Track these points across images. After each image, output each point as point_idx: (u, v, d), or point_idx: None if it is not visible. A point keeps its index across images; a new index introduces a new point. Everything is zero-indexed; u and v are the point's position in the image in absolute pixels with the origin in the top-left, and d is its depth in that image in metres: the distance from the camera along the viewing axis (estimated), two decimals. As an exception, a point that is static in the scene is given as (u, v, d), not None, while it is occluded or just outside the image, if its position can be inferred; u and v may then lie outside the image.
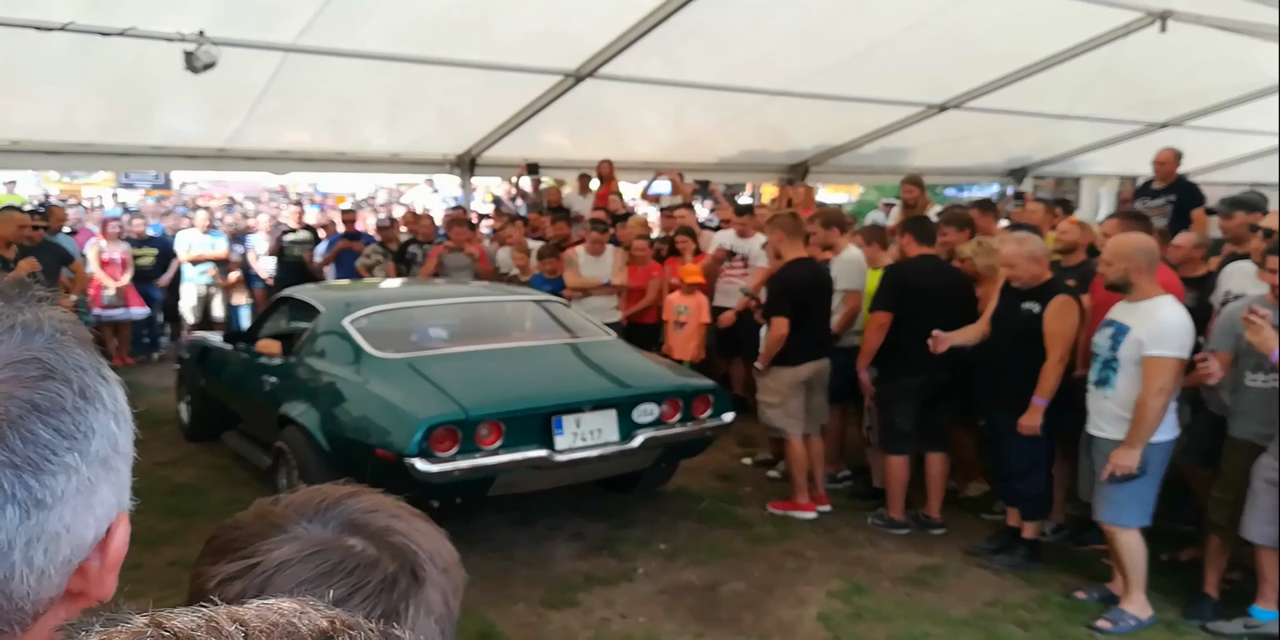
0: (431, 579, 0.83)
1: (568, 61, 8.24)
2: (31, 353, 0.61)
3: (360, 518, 0.86)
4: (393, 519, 0.87)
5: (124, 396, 0.68)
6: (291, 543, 0.82)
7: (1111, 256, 4.42)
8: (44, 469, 0.59)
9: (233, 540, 0.84)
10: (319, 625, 0.49)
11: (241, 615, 0.48)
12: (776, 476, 6.54)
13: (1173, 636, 4.39)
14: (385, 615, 0.77)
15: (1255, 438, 4.33)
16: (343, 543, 0.82)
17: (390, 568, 0.81)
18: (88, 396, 0.63)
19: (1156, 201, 7.83)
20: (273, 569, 0.79)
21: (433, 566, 0.84)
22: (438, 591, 0.84)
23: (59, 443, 0.60)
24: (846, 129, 11.17)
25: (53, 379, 0.61)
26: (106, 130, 8.61)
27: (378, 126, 9.89)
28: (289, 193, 21.02)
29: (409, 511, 0.90)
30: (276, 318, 6.80)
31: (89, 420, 0.62)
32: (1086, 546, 5.34)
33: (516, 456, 4.86)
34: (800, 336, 5.66)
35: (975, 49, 8.49)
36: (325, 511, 0.85)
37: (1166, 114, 11.05)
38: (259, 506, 0.88)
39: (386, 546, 0.83)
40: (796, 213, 6.64)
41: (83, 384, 0.62)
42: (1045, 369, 4.80)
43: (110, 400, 0.65)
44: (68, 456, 0.60)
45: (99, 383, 0.64)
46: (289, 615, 0.49)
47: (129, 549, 0.68)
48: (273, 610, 0.49)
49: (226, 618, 0.48)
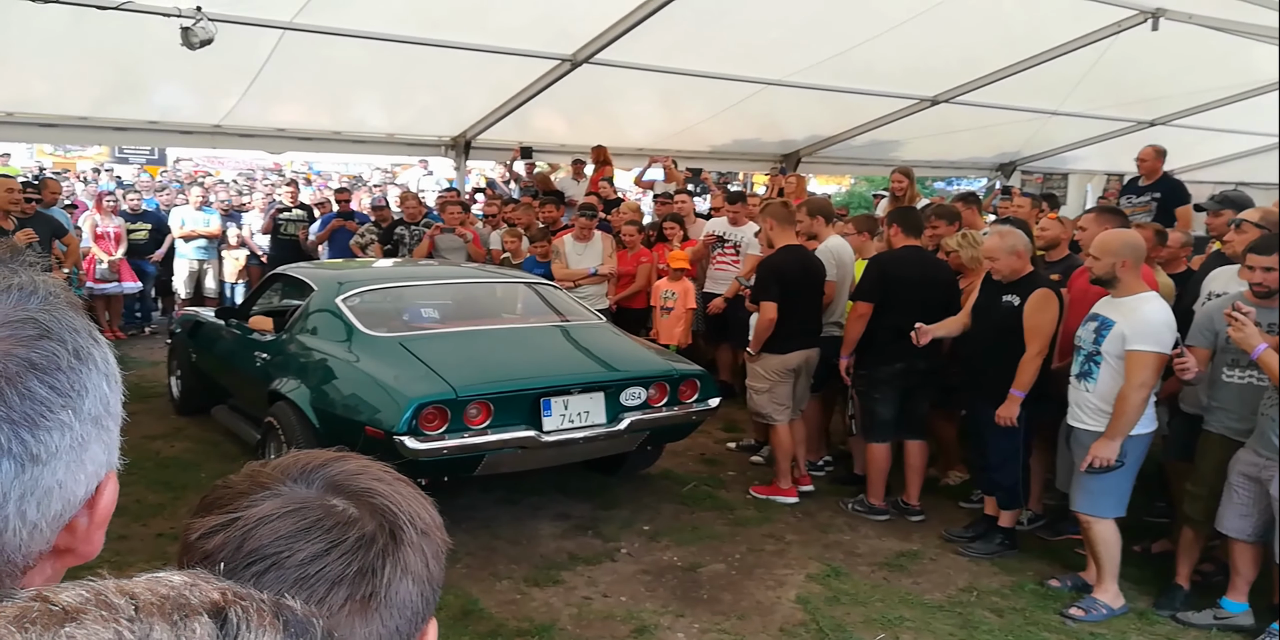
0: (410, 540, 0.84)
1: (565, 46, 8.28)
2: (28, 313, 0.63)
3: (344, 479, 0.87)
4: (376, 481, 0.88)
5: (114, 359, 0.70)
6: (274, 499, 0.83)
7: (1099, 251, 4.48)
8: (39, 425, 0.61)
9: (220, 497, 0.85)
10: (210, 597, 0.49)
11: (130, 588, 0.48)
12: (760, 461, 6.63)
13: (1144, 626, 4.48)
14: (361, 572, 0.80)
15: (1230, 433, 4.43)
16: (324, 501, 0.83)
17: (369, 527, 0.82)
18: (81, 357, 0.64)
19: (1141, 199, 7.91)
20: (253, 523, 0.80)
21: (412, 528, 0.85)
22: (416, 553, 0.84)
23: (54, 400, 0.62)
24: (839, 120, 11.24)
25: (49, 339, 0.63)
26: (102, 104, 8.61)
27: (374, 107, 9.91)
28: (284, 172, 20.95)
29: (393, 476, 0.91)
30: (269, 295, 6.85)
31: (83, 379, 0.64)
32: (1061, 536, 5.45)
33: (504, 436, 4.93)
34: (790, 324, 5.74)
35: (968, 44, 8.56)
36: (311, 473, 0.87)
37: (1155, 112, 11.14)
38: (249, 468, 0.90)
39: (367, 507, 0.84)
40: (788, 201, 6.72)
41: (76, 345, 0.64)
42: (1024, 361, 4.89)
43: (102, 362, 0.67)
44: (62, 414, 0.62)
45: (91, 344, 0.66)
46: (179, 587, 0.49)
47: (117, 520, 0.73)
48: (162, 583, 0.49)
49: (115, 591, 0.48)
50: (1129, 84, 9.70)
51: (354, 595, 0.79)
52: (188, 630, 0.46)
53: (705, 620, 4.39)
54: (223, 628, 0.47)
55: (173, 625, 0.46)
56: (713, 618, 4.42)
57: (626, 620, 4.36)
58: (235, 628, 0.48)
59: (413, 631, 0.83)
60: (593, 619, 4.37)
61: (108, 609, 0.46)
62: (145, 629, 0.46)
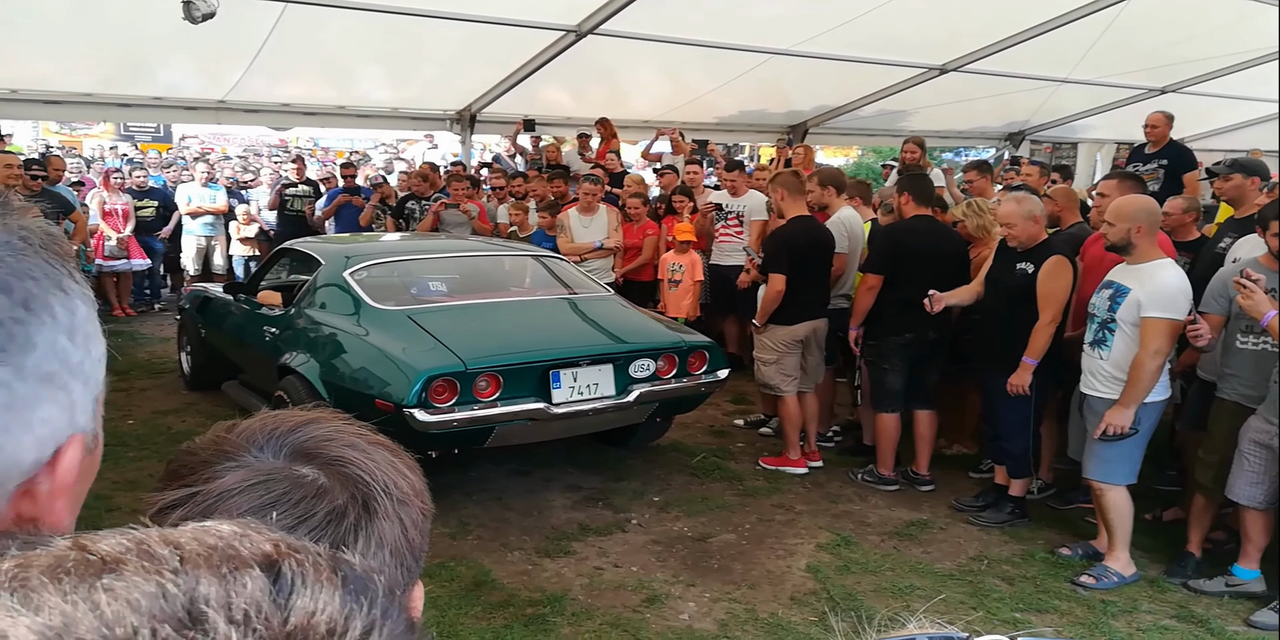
0: (385, 511, 0.80)
1: (569, 17, 8.21)
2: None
3: (314, 446, 0.82)
4: (348, 448, 0.83)
5: (87, 311, 0.63)
6: (237, 471, 0.79)
7: (1114, 217, 4.43)
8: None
9: (184, 466, 0.81)
10: (262, 549, 0.45)
11: (176, 538, 0.44)
12: (769, 433, 6.63)
13: (1155, 593, 4.48)
14: (332, 546, 0.77)
15: (1243, 400, 4.40)
16: (291, 472, 0.79)
17: (339, 499, 0.78)
18: (31, 307, 0.58)
19: (1149, 166, 7.83)
20: (213, 498, 0.77)
21: (387, 498, 0.80)
22: (393, 523, 0.80)
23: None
24: (846, 90, 11.14)
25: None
26: (107, 81, 8.59)
27: (378, 81, 9.87)
28: (289, 147, 20.90)
29: (369, 440, 0.86)
30: (277, 270, 6.85)
31: (27, 332, 0.57)
32: (1072, 505, 5.44)
33: (514, 408, 4.94)
34: (798, 295, 5.71)
35: (977, 11, 8.47)
36: (279, 439, 0.83)
37: (1166, 79, 11.02)
38: (214, 431, 0.85)
39: (338, 476, 0.80)
40: (799, 171, 6.67)
41: (27, 294, 0.58)
42: (1037, 329, 4.86)
43: (65, 314, 0.60)
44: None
45: (52, 294, 0.60)
46: (229, 538, 0.45)
47: (128, 493, 0.69)
48: (210, 533, 0.45)
49: (159, 540, 0.44)
50: (1139, 51, 9.59)
51: None
52: (237, 584, 0.42)
53: (716, 589, 4.40)
54: (276, 582, 0.43)
55: (221, 578, 0.42)
56: (723, 587, 4.43)
57: (638, 590, 4.38)
58: (289, 583, 0.43)
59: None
60: (604, 589, 4.39)
61: (150, 559, 0.42)
62: (191, 582, 0.41)
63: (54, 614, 0.39)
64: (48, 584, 0.40)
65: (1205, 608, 4.33)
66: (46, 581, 0.41)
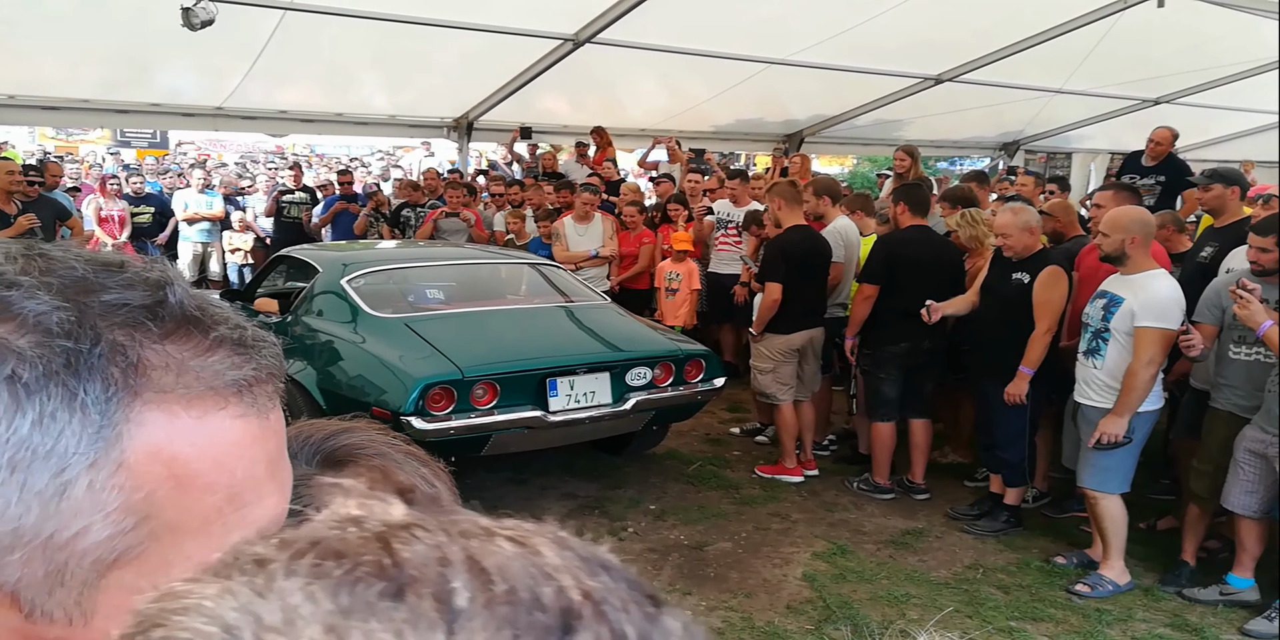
0: None
1: (566, 26, 8.24)
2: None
3: (345, 455, 0.83)
4: (378, 457, 0.83)
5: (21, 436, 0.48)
6: None
7: (1109, 228, 4.46)
8: None
9: None
10: (568, 600, 0.34)
11: (482, 560, 0.35)
12: (765, 441, 6.64)
13: (1149, 602, 4.50)
14: None
15: (1237, 409, 4.43)
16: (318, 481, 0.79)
17: None
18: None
19: (1146, 181, 7.85)
20: None
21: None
22: None
23: None
24: (842, 100, 11.19)
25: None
26: (104, 87, 8.60)
27: (376, 88, 9.89)
28: (286, 154, 20.92)
29: (401, 450, 0.86)
30: (274, 277, 6.86)
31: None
32: (1067, 514, 5.46)
33: (511, 417, 4.95)
34: (795, 304, 5.73)
35: (973, 21, 8.50)
36: (312, 446, 0.82)
37: (1160, 90, 11.08)
38: None
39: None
40: (796, 181, 6.69)
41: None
42: (1033, 339, 4.88)
43: (36, 403, 0.48)
44: None
45: (24, 379, 0.47)
46: (538, 578, 0.34)
47: None
48: (528, 560, 0.35)
49: (465, 563, 0.34)
50: (1134, 62, 9.64)
51: None
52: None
53: (712, 598, 4.41)
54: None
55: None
56: (719, 595, 4.44)
57: (634, 598, 4.38)
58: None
59: None
60: (600, 597, 4.39)
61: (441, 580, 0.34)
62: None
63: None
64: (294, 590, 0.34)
65: (1200, 616, 4.35)
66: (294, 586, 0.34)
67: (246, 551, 0.36)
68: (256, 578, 0.34)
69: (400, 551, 0.35)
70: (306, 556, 0.35)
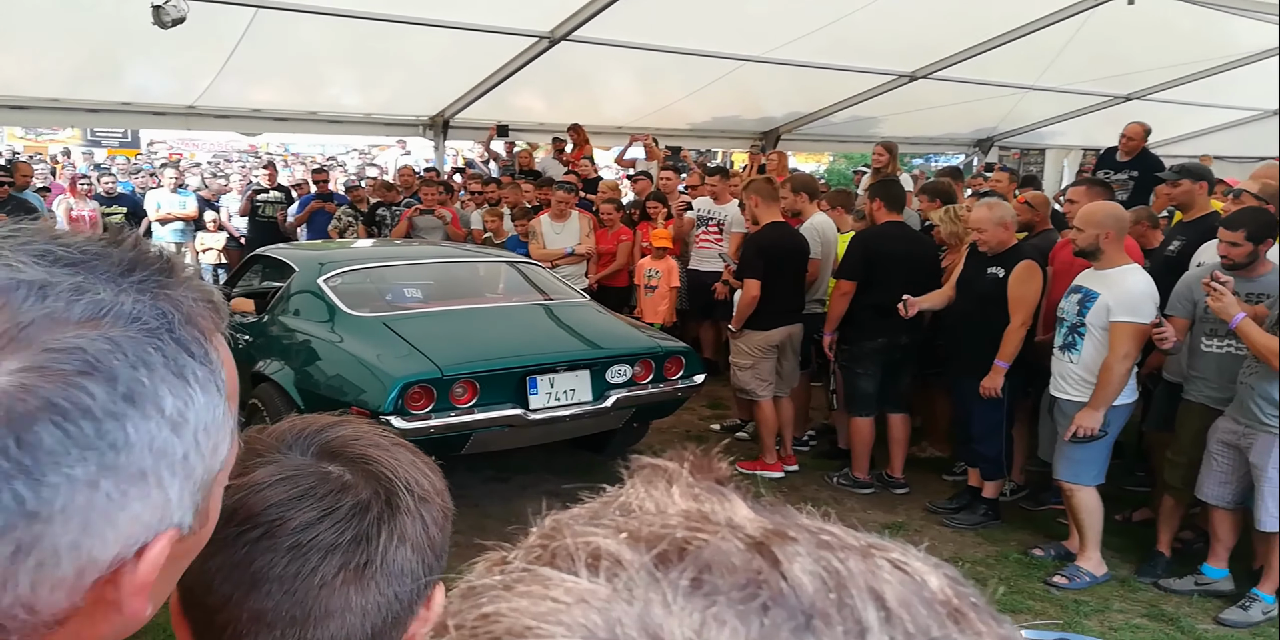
0: (407, 507, 0.82)
1: (542, 23, 8.23)
2: (79, 342, 0.52)
3: (340, 445, 0.85)
4: (372, 447, 0.86)
5: (206, 400, 0.58)
6: (267, 467, 0.82)
7: (1083, 223, 4.51)
8: (42, 480, 0.50)
9: None
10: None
11: (881, 590, 0.33)
12: (745, 437, 6.66)
13: (1126, 592, 4.55)
14: (356, 539, 0.79)
15: (1209, 401, 4.48)
16: (319, 468, 0.82)
17: (364, 494, 0.81)
18: (134, 400, 0.53)
19: (1119, 176, 7.93)
20: (245, 491, 0.79)
21: (409, 495, 0.83)
22: (414, 520, 0.82)
23: (67, 451, 0.51)
24: (818, 97, 11.23)
25: (90, 376, 0.52)
26: (74, 85, 8.50)
27: (350, 86, 9.84)
28: (259, 153, 20.77)
29: (392, 441, 0.88)
30: (250, 276, 6.81)
31: (124, 428, 0.53)
32: (1044, 506, 5.51)
33: (491, 415, 4.94)
34: (773, 301, 5.75)
35: (946, 18, 8.56)
36: (306, 439, 0.85)
37: (1131, 87, 11.19)
38: (247, 434, 0.86)
39: (363, 473, 0.83)
40: (772, 178, 6.72)
41: (133, 385, 0.53)
42: (1008, 333, 4.93)
43: (176, 405, 0.55)
44: (78, 467, 0.51)
45: (165, 383, 0.55)
46: (940, 620, 0.32)
47: None
48: (918, 592, 0.34)
49: (867, 592, 0.33)
50: (1105, 59, 9.74)
51: (348, 564, 0.78)
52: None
53: (694, 594, 4.41)
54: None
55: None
56: (702, 591, 4.45)
57: (616, 595, 4.38)
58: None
59: (415, 598, 0.82)
60: (583, 594, 4.39)
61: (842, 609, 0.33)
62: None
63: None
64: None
65: (1175, 606, 4.40)
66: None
67: (587, 541, 0.35)
68: (618, 582, 0.33)
69: (794, 572, 0.33)
70: (678, 565, 0.33)
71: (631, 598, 0.32)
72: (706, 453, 0.43)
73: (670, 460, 0.41)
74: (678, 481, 0.39)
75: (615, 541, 0.34)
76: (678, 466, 0.41)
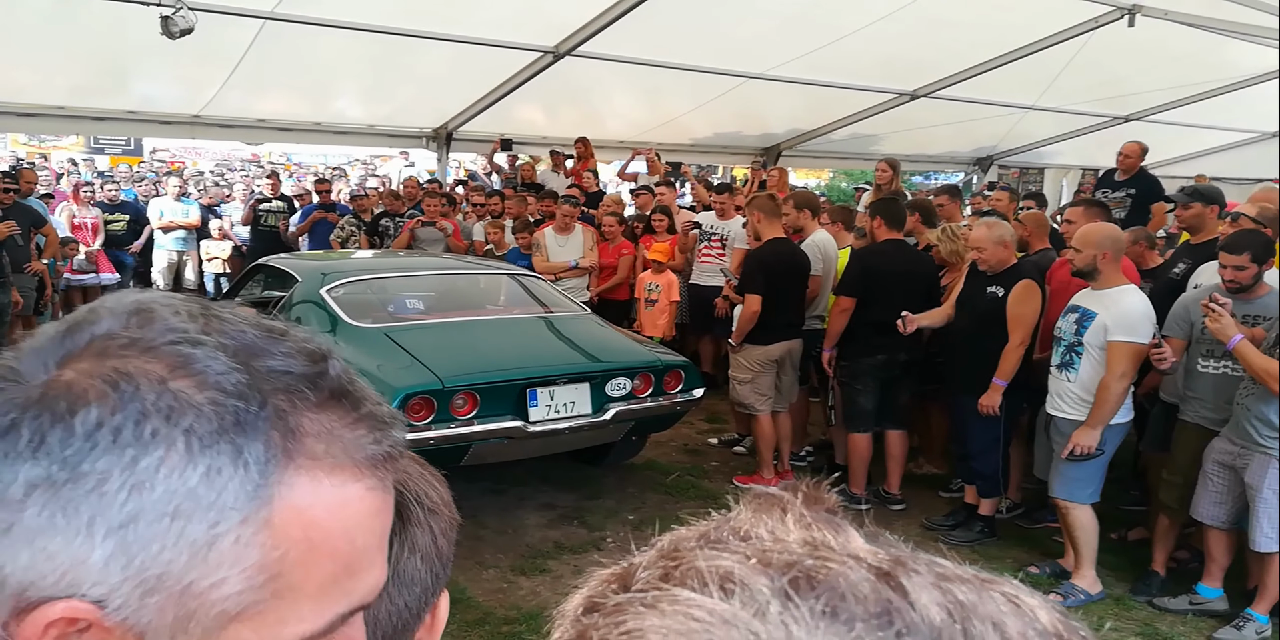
0: (416, 518, 0.83)
1: (547, 39, 8.29)
2: (133, 369, 0.52)
3: None
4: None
5: (210, 503, 0.51)
6: None
7: (1081, 244, 4.55)
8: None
9: None
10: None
11: (1003, 622, 0.36)
12: (743, 452, 6.68)
13: (1121, 611, 4.57)
14: None
15: (1205, 422, 4.51)
16: None
17: None
18: (117, 437, 0.50)
19: (1117, 194, 7.99)
20: None
21: (419, 507, 0.84)
22: (423, 531, 0.84)
23: (32, 448, 0.50)
24: (819, 114, 11.30)
25: (104, 397, 0.51)
26: (79, 94, 8.55)
27: (355, 98, 9.89)
28: (262, 162, 20.82)
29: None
30: (252, 286, 6.84)
31: (88, 455, 0.50)
32: (1040, 524, 5.53)
33: (490, 427, 4.96)
34: (773, 316, 5.79)
35: (947, 39, 8.62)
36: None
37: (1130, 108, 11.26)
38: None
39: None
40: (775, 194, 6.77)
41: (128, 426, 0.50)
42: (1006, 351, 4.96)
43: (156, 472, 0.50)
44: (29, 466, 0.50)
45: (170, 449, 0.51)
46: (1044, 634, 0.36)
47: None
48: (1031, 625, 0.37)
49: (990, 622, 0.35)
50: (1105, 80, 9.80)
51: None
52: None
53: (691, 607, 4.42)
54: None
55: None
56: (698, 605, 4.45)
57: (613, 608, 4.39)
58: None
59: (423, 606, 0.84)
60: (580, 607, 4.40)
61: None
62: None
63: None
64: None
65: (1170, 625, 4.42)
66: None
67: (717, 564, 0.36)
68: (754, 606, 0.34)
69: (921, 601, 0.34)
70: (811, 592, 0.34)
71: (770, 620, 0.34)
72: (817, 485, 0.45)
73: (783, 490, 0.44)
74: (791, 510, 0.41)
75: (745, 566, 0.36)
76: (790, 496, 0.43)
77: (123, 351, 0.53)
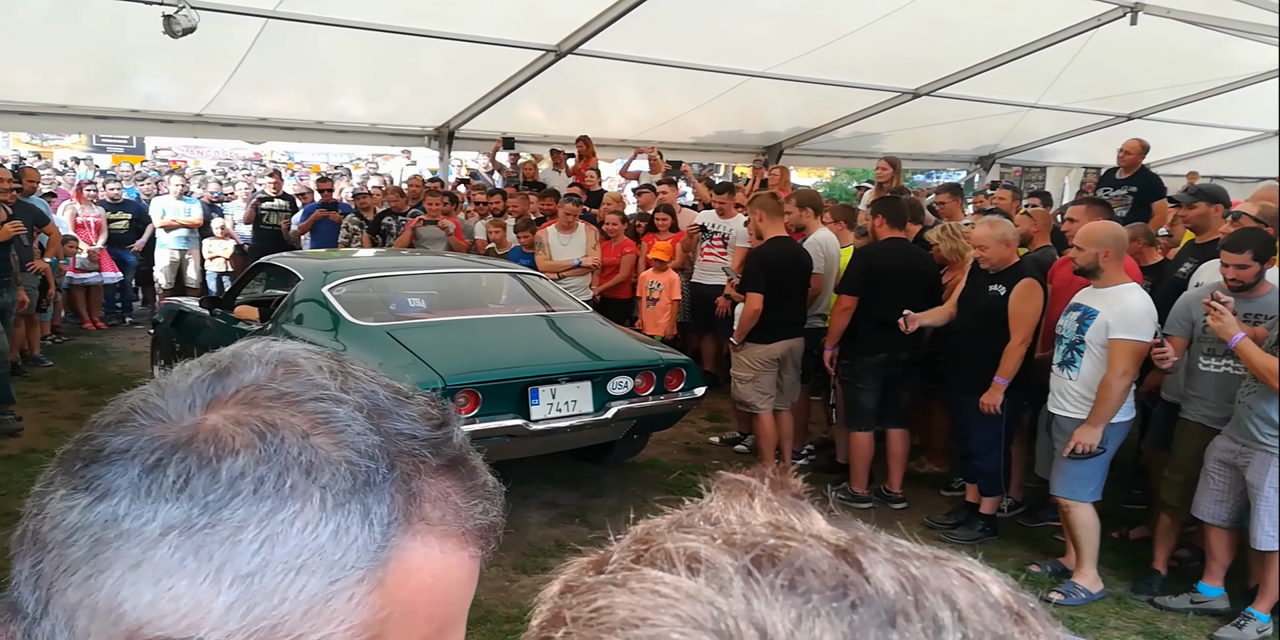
0: None
1: (549, 37, 8.29)
2: (279, 420, 0.53)
3: None
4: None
5: (331, 562, 0.51)
6: None
7: (1083, 242, 4.55)
8: (137, 499, 0.52)
9: None
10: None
11: (953, 594, 0.37)
12: (744, 450, 6.69)
13: (1122, 610, 4.57)
14: None
15: (1206, 421, 4.50)
16: None
17: None
18: (259, 488, 0.51)
19: (1118, 192, 7.99)
20: None
21: None
22: None
23: (176, 491, 0.51)
24: (821, 113, 11.29)
25: (250, 447, 0.52)
26: (82, 93, 8.56)
27: (357, 97, 9.90)
28: (264, 161, 20.84)
29: None
30: (254, 284, 6.84)
31: (228, 502, 0.51)
32: (1041, 523, 5.53)
33: (492, 425, 4.96)
34: (775, 314, 5.79)
35: (949, 37, 8.62)
36: None
37: (1133, 106, 11.25)
38: None
39: None
40: (777, 193, 6.77)
41: (269, 478, 0.51)
42: (1008, 350, 4.96)
43: (291, 524, 0.51)
44: (169, 507, 0.51)
45: (306, 502, 0.51)
46: (1004, 622, 0.37)
47: None
48: (981, 597, 0.38)
49: (940, 595, 0.37)
50: (1107, 78, 9.79)
51: None
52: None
53: (693, 606, 4.43)
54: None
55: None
56: (700, 603, 4.46)
57: (615, 606, 4.40)
58: None
59: None
60: (581, 605, 4.41)
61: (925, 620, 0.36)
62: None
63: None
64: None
65: (1171, 624, 4.42)
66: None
67: (685, 546, 0.38)
68: (718, 582, 0.36)
69: (876, 575, 0.37)
70: (772, 568, 0.37)
71: (733, 595, 0.36)
72: (783, 471, 0.47)
73: (750, 477, 0.46)
74: (758, 495, 0.43)
75: (711, 547, 0.38)
76: (758, 482, 0.45)
77: (269, 403, 0.54)
